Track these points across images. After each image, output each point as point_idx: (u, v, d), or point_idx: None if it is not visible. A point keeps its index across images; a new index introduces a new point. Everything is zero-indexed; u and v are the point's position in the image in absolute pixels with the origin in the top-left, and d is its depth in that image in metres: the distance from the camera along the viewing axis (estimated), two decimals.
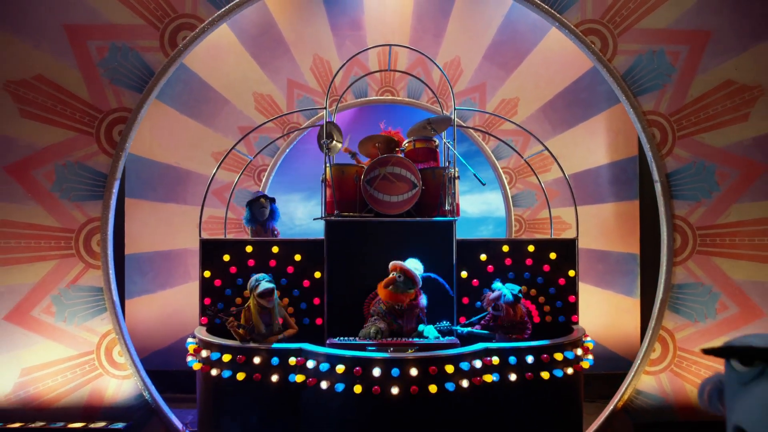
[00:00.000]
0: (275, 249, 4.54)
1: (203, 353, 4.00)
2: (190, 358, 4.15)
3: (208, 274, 4.52)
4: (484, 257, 4.59)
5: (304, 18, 6.46)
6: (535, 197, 6.73)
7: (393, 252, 4.25)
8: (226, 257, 4.52)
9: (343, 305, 4.42)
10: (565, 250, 4.63)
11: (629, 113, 5.15)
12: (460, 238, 4.55)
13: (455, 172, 4.65)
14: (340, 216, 4.49)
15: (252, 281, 4.03)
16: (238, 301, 4.48)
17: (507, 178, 6.77)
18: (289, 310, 4.45)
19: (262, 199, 5.08)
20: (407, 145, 4.88)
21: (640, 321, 6.54)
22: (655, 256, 5.24)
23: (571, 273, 4.60)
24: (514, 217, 6.78)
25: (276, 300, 4.06)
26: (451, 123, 4.76)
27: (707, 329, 4.97)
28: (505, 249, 4.61)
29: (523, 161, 5.55)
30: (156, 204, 6.51)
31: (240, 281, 4.49)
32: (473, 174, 4.43)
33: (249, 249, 4.53)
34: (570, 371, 3.94)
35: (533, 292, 4.60)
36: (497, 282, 4.25)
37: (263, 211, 5.04)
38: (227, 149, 5.27)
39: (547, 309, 4.61)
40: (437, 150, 4.90)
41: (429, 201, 4.53)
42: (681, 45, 5.07)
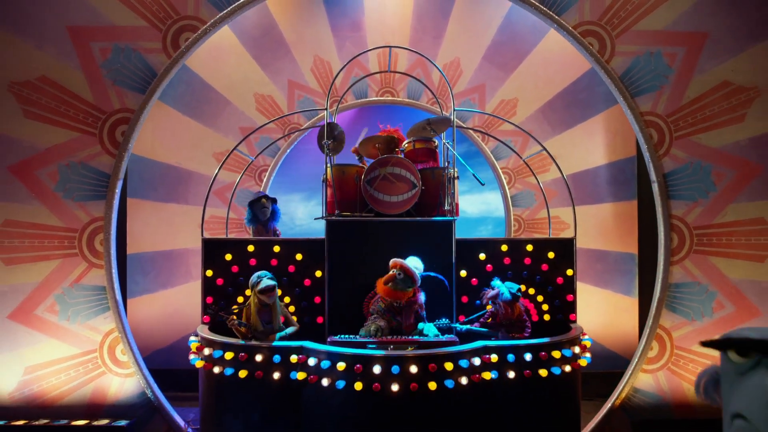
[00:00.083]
0: (277, 248, 4.59)
1: (206, 351, 4.05)
2: (192, 356, 4.20)
3: (210, 273, 4.56)
4: (483, 256, 4.63)
5: (304, 19, 6.51)
6: (534, 197, 6.78)
7: (393, 251, 4.29)
8: (228, 256, 4.56)
9: (344, 304, 4.47)
10: (563, 249, 4.68)
11: (627, 114, 5.19)
12: (459, 237, 4.60)
13: (455, 172, 4.69)
14: (340, 216, 4.54)
15: (253, 278, 4.08)
16: (239, 300, 4.53)
17: (506, 178, 6.82)
18: (291, 308, 4.50)
19: (263, 200, 5.13)
20: (407, 146, 4.93)
21: (638, 320, 6.59)
22: (653, 255, 5.28)
23: (569, 272, 4.65)
24: (513, 217, 6.83)
25: (277, 297, 4.10)
26: (451, 124, 4.81)
27: (704, 328, 5.02)
28: (504, 248, 4.66)
29: (522, 162, 5.60)
30: (158, 204, 6.56)
31: (242, 280, 4.53)
32: (472, 174, 4.48)
33: (251, 248, 4.58)
34: (568, 369, 3.99)
35: (532, 291, 4.64)
36: (496, 280, 4.30)
37: (265, 211, 5.09)
38: (228, 150, 5.32)
39: (546, 308, 4.65)
40: (437, 150, 4.94)
41: (429, 201, 4.58)
42: (678, 46, 5.11)
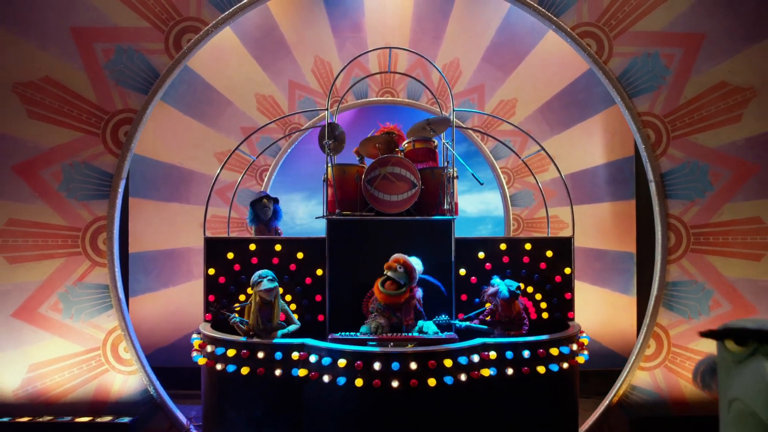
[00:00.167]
0: (278, 247, 4.64)
1: (208, 348, 4.10)
2: (195, 353, 4.25)
3: (212, 271, 4.61)
4: (482, 255, 4.68)
5: (305, 20, 6.56)
6: (533, 197, 6.83)
7: (393, 250, 4.33)
8: (230, 255, 4.61)
9: (345, 302, 4.51)
10: (562, 248, 4.73)
11: (624, 114, 5.24)
12: (458, 236, 4.64)
13: (454, 172, 4.74)
14: (341, 215, 4.59)
15: (255, 277, 4.13)
16: (241, 298, 4.58)
17: (505, 177, 6.87)
18: (292, 306, 4.55)
19: (264, 200, 5.18)
20: (407, 146, 4.98)
21: (636, 318, 6.64)
22: (651, 254, 5.32)
23: (567, 270, 4.70)
24: (512, 217, 6.88)
25: (278, 295, 4.14)
26: (450, 124, 4.86)
27: (701, 326, 5.06)
28: (503, 247, 4.71)
29: (521, 161, 5.64)
30: (159, 203, 6.61)
31: (243, 278, 4.58)
32: (471, 174, 4.53)
33: (252, 247, 4.63)
34: (565, 366, 4.05)
35: (530, 289, 4.69)
36: (496, 278, 4.35)
37: (266, 211, 5.14)
38: (230, 149, 5.37)
39: (544, 306, 4.70)
40: (436, 150, 4.99)
41: (428, 200, 4.63)
42: (675, 47, 5.16)
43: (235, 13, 5.14)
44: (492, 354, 3.86)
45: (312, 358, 3.80)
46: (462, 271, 4.65)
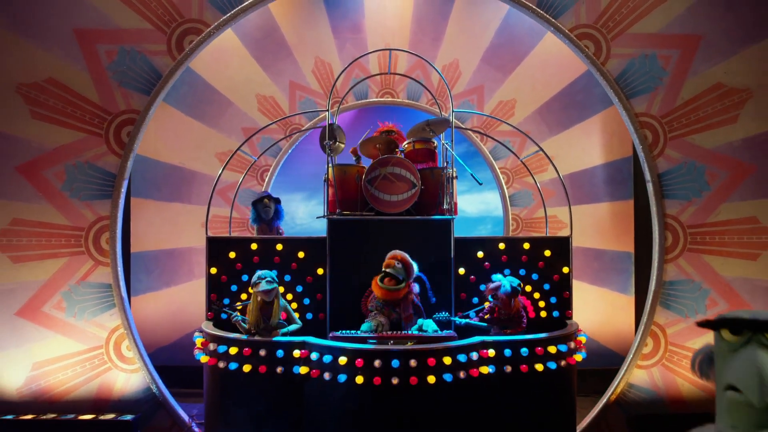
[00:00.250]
0: (279, 246, 4.69)
1: (210, 347, 4.14)
2: (197, 351, 4.29)
3: (214, 270, 4.66)
4: (481, 254, 4.73)
5: (305, 21, 6.61)
6: (532, 197, 6.88)
7: (393, 249, 4.38)
8: (231, 254, 4.66)
9: (345, 300, 4.55)
10: (560, 247, 4.77)
11: (622, 115, 5.29)
12: (458, 235, 4.69)
13: (453, 172, 4.79)
14: (342, 214, 4.63)
15: (255, 277, 4.17)
16: (243, 297, 4.62)
17: (504, 178, 6.93)
18: (293, 305, 4.59)
19: (265, 199, 5.22)
20: (407, 146, 5.03)
21: (634, 318, 6.70)
22: (650, 254, 5.36)
23: (565, 269, 4.75)
24: (511, 217, 6.93)
25: (278, 295, 4.19)
26: (450, 124, 4.91)
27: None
28: (502, 246, 4.76)
29: (520, 162, 5.69)
30: (161, 203, 6.67)
31: (245, 277, 4.62)
32: (470, 174, 4.58)
33: (254, 246, 4.68)
34: (563, 363, 4.09)
35: (529, 288, 4.73)
36: (498, 274, 4.41)
37: (268, 211, 5.18)
38: (231, 150, 5.42)
39: (542, 304, 4.75)
40: (436, 151, 5.04)
41: (428, 200, 4.68)
42: (672, 49, 5.22)
43: (237, 15, 5.18)
44: (491, 352, 3.90)
45: (313, 355, 3.85)
46: (461, 270, 4.70)
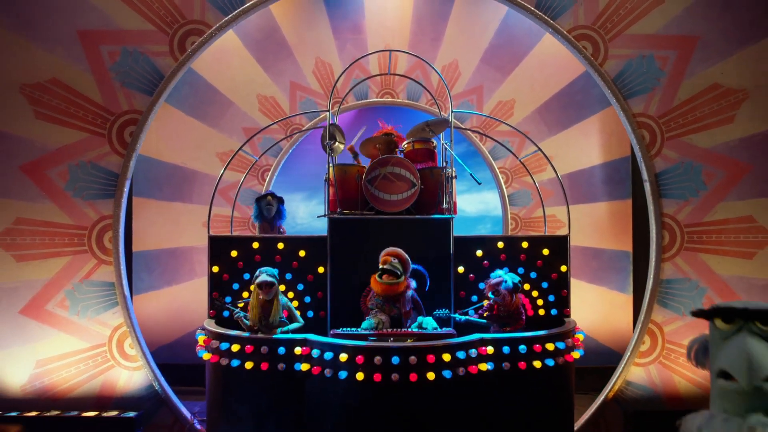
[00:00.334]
0: (280, 245, 4.74)
1: (213, 344, 4.19)
2: (199, 348, 4.33)
3: (216, 269, 4.70)
4: (480, 253, 4.78)
5: (306, 22, 6.65)
6: (531, 196, 6.93)
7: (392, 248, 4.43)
8: (233, 253, 4.71)
9: (346, 298, 4.60)
10: (558, 246, 4.82)
11: (620, 115, 5.34)
12: (457, 234, 4.74)
13: (452, 171, 4.84)
14: (342, 214, 4.68)
15: (257, 273, 4.22)
16: (245, 295, 4.67)
17: (503, 177, 6.97)
18: (294, 303, 4.64)
19: (269, 197, 5.27)
20: (406, 146, 5.08)
21: (632, 316, 6.74)
22: (647, 253, 5.41)
23: (563, 268, 4.79)
24: (510, 216, 6.97)
25: (278, 293, 4.23)
26: (449, 125, 4.96)
27: (694, 323, 5.16)
28: (500, 245, 4.80)
29: (519, 162, 5.74)
30: (162, 203, 6.71)
31: (247, 276, 4.67)
32: (470, 174, 4.63)
33: (255, 245, 4.72)
34: (561, 361, 4.14)
35: (527, 286, 4.78)
36: (498, 270, 4.46)
37: (270, 209, 5.23)
38: (232, 150, 5.47)
39: (541, 303, 4.80)
40: (435, 150, 5.09)
41: (427, 199, 4.73)
42: (669, 50, 5.27)
43: (238, 16, 5.23)
44: (489, 349, 3.95)
45: (314, 352, 3.90)
46: (460, 269, 4.75)
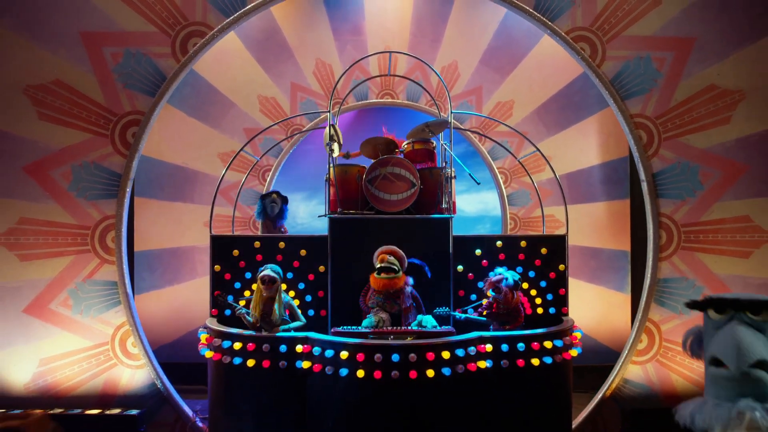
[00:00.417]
0: (282, 245, 4.78)
1: (215, 342, 4.24)
2: (201, 347, 4.38)
3: (218, 268, 4.75)
4: (478, 252, 4.82)
5: (306, 24, 6.70)
6: (530, 196, 6.97)
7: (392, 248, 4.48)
8: (235, 252, 4.75)
9: (346, 297, 4.65)
10: (556, 245, 4.86)
11: (617, 116, 5.39)
12: (456, 234, 4.79)
13: (452, 172, 4.89)
14: (342, 213, 4.73)
15: (261, 267, 4.28)
16: (246, 294, 4.72)
17: (502, 177, 7.01)
18: (295, 302, 4.69)
19: (274, 194, 5.31)
20: (406, 147, 5.13)
21: (630, 315, 6.78)
22: (645, 252, 5.47)
23: (561, 267, 4.84)
24: (509, 216, 7.02)
25: (280, 291, 4.28)
26: (448, 125, 5.01)
27: (691, 321, 5.18)
28: (499, 245, 4.85)
29: (518, 162, 5.79)
30: (164, 203, 6.75)
31: (248, 275, 4.72)
32: (469, 174, 4.68)
33: (257, 244, 4.77)
34: (559, 359, 4.19)
35: (525, 285, 4.82)
36: (498, 267, 4.51)
37: (273, 207, 5.26)
38: (233, 150, 5.51)
39: (539, 301, 4.84)
40: (434, 151, 5.14)
41: (427, 199, 4.78)
42: (666, 51, 5.32)
43: (240, 18, 5.28)
44: (488, 347, 4.00)
45: (315, 350, 3.94)
46: (459, 268, 4.80)
